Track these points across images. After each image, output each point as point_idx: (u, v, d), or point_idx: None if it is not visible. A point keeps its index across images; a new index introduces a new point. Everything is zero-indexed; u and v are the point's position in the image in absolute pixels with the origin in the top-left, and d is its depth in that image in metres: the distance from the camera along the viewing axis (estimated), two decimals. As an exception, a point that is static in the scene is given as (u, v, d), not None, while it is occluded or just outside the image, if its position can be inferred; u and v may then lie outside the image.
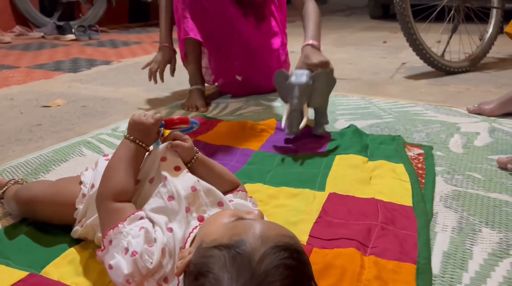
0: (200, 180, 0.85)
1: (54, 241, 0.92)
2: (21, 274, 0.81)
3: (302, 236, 0.93)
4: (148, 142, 0.85)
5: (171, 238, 0.73)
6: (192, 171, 0.90)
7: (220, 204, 0.82)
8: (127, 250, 0.69)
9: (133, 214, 0.74)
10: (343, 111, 1.88)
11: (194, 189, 0.81)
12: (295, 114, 1.39)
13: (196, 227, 0.75)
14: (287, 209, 1.06)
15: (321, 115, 1.49)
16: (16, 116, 1.81)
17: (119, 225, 0.72)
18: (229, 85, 2.07)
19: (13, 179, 1.09)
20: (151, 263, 0.68)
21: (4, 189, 1.05)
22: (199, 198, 0.80)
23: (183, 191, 0.79)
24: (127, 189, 0.79)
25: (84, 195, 0.91)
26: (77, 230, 0.88)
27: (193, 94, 1.94)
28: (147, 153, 0.88)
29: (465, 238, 0.96)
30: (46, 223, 0.96)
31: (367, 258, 0.87)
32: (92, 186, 0.89)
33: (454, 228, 1.00)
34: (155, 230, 0.73)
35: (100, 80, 2.45)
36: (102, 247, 0.73)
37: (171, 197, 0.79)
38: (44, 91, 2.20)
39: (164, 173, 0.83)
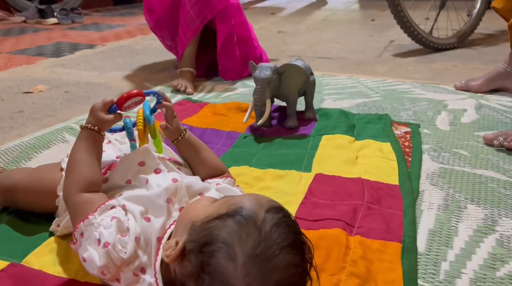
0: (181, 174, 0.84)
1: (35, 230, 0.90)
2: (1, 264, 0.79)
3: (288, 218, 0.93)
4: (100, 126, 0.80)
5: (147, 227, 0.71)
6: (178, 149, 0.93)
7: (201, 195, 0.80)
8: (99, 241, 0.67)
9: (103, 204, 0.72)
10: (330, 90, 1.86)
11: (175, 180, 0.79)
12: (257, 110, 1.37)
13: None
14: (273, 191, 1.05)
15: (291, 108, 1.44)
16: (-3, 103, 1.77)
17: (89, 216, 0.69)
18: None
19: (-7, 168, 1.06)
20: (125, 253, 0.67)
21: (-17, 178, 1.03)
22: (180, 189, 0.77)
23: (164, 183, 0.78)
24: (93, 179, 0.76)
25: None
26: (56, 230, 0.87)
27: (184, 75, 1.92)
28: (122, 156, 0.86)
29: (450, 215, 0.96)
30: (27, 212, 0.95)
31: (352, 238, 0.86)
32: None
33: (440, 205, 1.00)
34: (128, 218, 0.71)
35: (83, 64, 2.40)
36: (74, 240, 0.71)
37: (151, 187, 0.78)
38: (26, 77, 2.15)
39: (144, 176, 0.80)
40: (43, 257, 0.81)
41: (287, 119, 1.44)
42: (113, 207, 0.72)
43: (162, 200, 0.74)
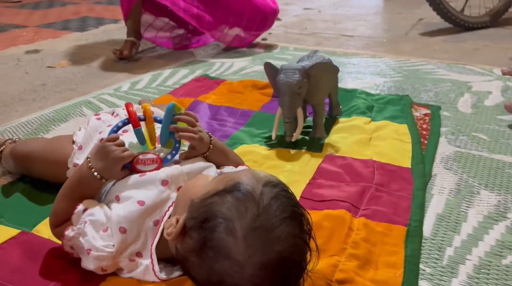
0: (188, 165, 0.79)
1: (47, 199, 0.93)
2: (13, 232, 0.82)
3: (293, 197, 0.92)
4: (108, 176, 0.74)
5: (141, 211, 0.71)
6: (208, 159, 0.85)
7: (203, 175, 0.80)
8: (83, 249, 0.69)
9: (73, 213, 0.71)
10: (351, 69, 1.82)
11: (176, 163, 0.78)
12: (287, 123, 1.14)
13: None
14: (281, 170, 1.05)
15: (320, 117, 1.20)
16: (21, 76, 1.81)
17: (65, 232, 0.70)
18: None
19: (10, 139, 1.10)
20: (113, 246, 0.68)
21: (2, 148, 1.06)
22: (176, 170, 0.76)
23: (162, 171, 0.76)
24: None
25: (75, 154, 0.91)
26: None
27: (126, 44, 2.02)
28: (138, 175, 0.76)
29: (461, 200, 0.94)
30: (42, 181, 0.98)
31: (357, 220, 0.86)
32: (80, 147, 0.89)
33: (451, 190, 0.98)
34: (111, 208, 0.71)
35: (106, 39, 2.42)
36: (69, 253, 0.72)
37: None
38: (51, 50, 2.20)
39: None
40: (53, 226, 0.84)
41: (315, 129, 1.20)
42: (85, 209, 0.71)
43: (158, 182, 0.74)
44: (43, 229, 0.83)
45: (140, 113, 0.80)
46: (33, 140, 1.05)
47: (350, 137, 1.19)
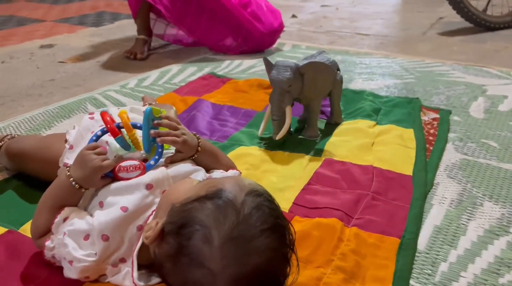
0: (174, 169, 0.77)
1: (38, 198, 0.90)
2: (0, 230, 0.82)
3: (286, 204, 0.90)
4: (87, 185, 0.72)
5: (124, 217, 0.69)
6: (197, 162, 0.83)
7: (189, 179, 0.78)
8: (65, 260, 0.68)
9: (53, 223, 0.70)
10: (362, 70, 1.78)
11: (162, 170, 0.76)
12: (275, 120, 1.11)
13: None
14: (277, 174, 1.02)
15: (313, 115, 1.17)
16: (32, 71, 1.83)
17: (46, 243, 0.70)
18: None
19: (9, 135, 1.10)
20: (95, 254, 0.67)
21: (0, 144, 1.07)
22: (161, 173, 0.74)
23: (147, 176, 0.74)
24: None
25: (67, 154, 0.90)
26: None
27: (138, 42, 2.01)
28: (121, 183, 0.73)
29: (462, 212, 0.90)
30: (36, 179, 0.97)
31: (348, 229, 0.82)
32: (71, 147, 0.89)
33: (453, 200, 0.93)
34: (94, 215, 0.69)
35: (119, 34, 2.43)
36: (52, 262, 0.71)
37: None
38: (65, 45, 2.21)
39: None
40: (39, 226, 0.84)
41: (307, 128, 1.18)
42: (65, 218, 0.70)
43: (142, 186, 0.72)
44: (29, 228, 0.82)
45: (120, 120, 0.78)
46: (27, 137, 1.05)
47: (352, 141, 1.15)
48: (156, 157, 0.76)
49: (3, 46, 2.22)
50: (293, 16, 2.87)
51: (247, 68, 1.82)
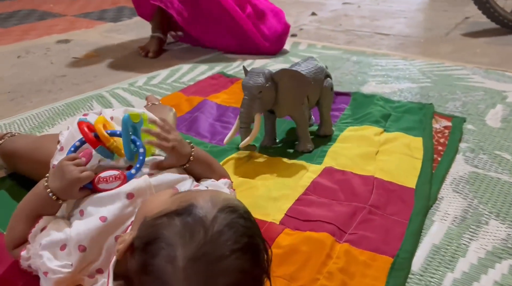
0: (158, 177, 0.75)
1: (30, 199, 0.92)
2: (-14, 231, 0.82)
3: (277, 215, 0.87)
4: (64, 197, 0.70)
5: (102, 227, 0.67)
6: (188, 171, 0.81)
7: (174, 189, 0.75)
8: (39, 271, 0.66)
9: (30, 232, 0.68)
10: (377, 72, 1.72)
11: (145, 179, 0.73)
12: (242, 127, 1.05)
13: None
14: (273, 182, 0.99)
15: (301, 127, 1.11)
16: (46, 66, 1.85)
17: (21, 253, 0.69)
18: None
19: (10, 133, 1.10)
20: (71, 265, 0.65)
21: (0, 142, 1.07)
22: (144, 183, 0.72)
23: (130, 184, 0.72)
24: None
25: (60, 155, 0.89)
26: None
27: (152, 40, 2.00)
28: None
29: (465, 230, 0.84)
30: (30, 179, 0.97)
31: (339, 245, 0.79)
32: (61, 149, 0.88)
33: (456, 217, 0.88)
34: (72, 225, 0.68)
35: (136, 31, 2.43)
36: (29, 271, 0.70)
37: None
38: (81, 41, 2.23)
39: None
40: (25, 229, 0.83)
41: (299, 142, 1.12)
42: (43, 228, 0.69)
43: (122, 196, 0.70)
44: (17, 231, 0.82)
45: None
46: (22, 137, 1.05)
47: (355, 149, 1.10)
48: (138, 165, 0.73)
49: (22, 40, 2.25)
50: (313, 14, 2.81)
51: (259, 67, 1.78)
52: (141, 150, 0.74)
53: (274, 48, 1.97)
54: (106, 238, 0.68)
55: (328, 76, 1.16)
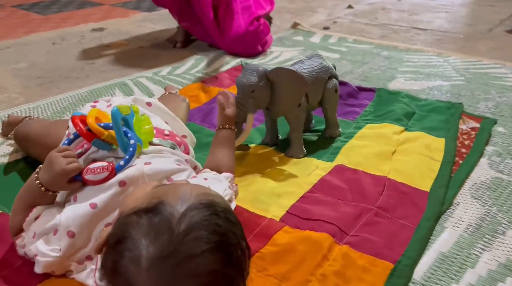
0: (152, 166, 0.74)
1: (40, 183, 0.94)
2: (-7, 212, 0.84)
3: (278, 211, 0.84)
4: (53, 188, 0.71)
5: (91, 214, 0.68)
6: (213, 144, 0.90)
7: (169, 179, 0.74)
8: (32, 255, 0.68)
9: (24, 221, 0.70)
10: (407, 68, 1.64)
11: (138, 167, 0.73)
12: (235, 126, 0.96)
13: None
14: (279, 178, 0.96)
15: (294, 131, 1.05)
16: (77, 53, 1.89)
17: (17, 241, 0.71)
18: None
19: (28, 117, 1.13)
20: (59, 250, 0.66)
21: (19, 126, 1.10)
22: (139, 173, 0.71)
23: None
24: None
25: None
26: None
27: (179, 30, 1.98)
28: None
29: (478, 240, 0.79)
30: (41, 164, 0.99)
31: (338, 247, 0.75)
32: (68, 134, 0.89)
33: (470, 225, 0.83)
34: (63, 211, 0.69)
35: (169, 21, 2.43)
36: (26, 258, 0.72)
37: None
38: (114, 30, 2.27)
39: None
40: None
41: (289, 147, 1.06)
42: (37, 217, 0.70)
43: (116, 183, 0.70)
44: (21, 213, 0.84)
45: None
46: (35, 121, 1.07)
47: (371, 147, 1.06)
48: (127, 157, 0.73)
49: (59, 28, 2.31)
50: (349, 6, 2.73)
51: (284, 60, 1.75)
52: (131, 141, 0.73)
53: (238, 47, 1.82)
54: (95, 225, 0.68)
55: (333, 76, 1.09)
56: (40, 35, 2.19)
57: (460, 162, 1.02)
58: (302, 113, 1.04)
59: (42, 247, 0.67)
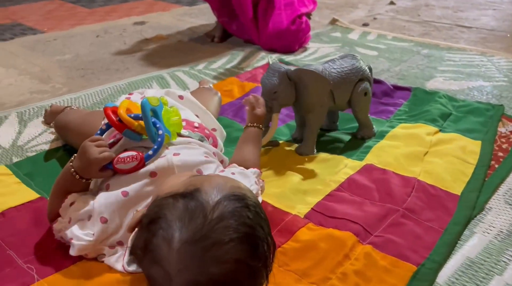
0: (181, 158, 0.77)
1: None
2: (33, 195, 0.89)
3: (304, 208, 0.85)
4: (86, 176, 0.75)
5: (123, 202, 0.71)
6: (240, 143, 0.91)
7: (198, 171, 0.76)
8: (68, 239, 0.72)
9: (60, 207, 0.74)
10: (448, 67, 1.60)
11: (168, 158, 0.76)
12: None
13: None
14: (306, 175, 0.96)
15: (309, 129, 1.04)
16: (119, 46, 1.95)
17: (54, 226, 0.75)
18: None
19: (69, 106, 1.18)
20: (93, 234, 0.70)
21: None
22: (168, 164, 0.74)
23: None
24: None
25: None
26: None
27: (218, 25, 2.00)
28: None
29: (509, 247, 0.76)
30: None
31: (361, 247, 0.75)
32: (103, 125, 0.92)
33: (501, 231, 0.80)
34: (97, 198, 0.72)
35: (208, 15, 2.46)
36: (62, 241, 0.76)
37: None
38: (155, 23, 2.32)
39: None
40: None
41: (302, 143, 1.05)
42: (72, 203, 0.73)
43: (147, 173, 0.73)
44: (59, 198, 0.89)
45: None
46: (74, 111, 1.12)
47: (402, 148, 1.04)
48: (155, 147, 0.75)
49: (103, 21, 2.39)
50: (391, 3, 2.67)
51: (320, 57, 1.74)
52: (160, 132, 0.76)
53: (276, 43, 1.82)
54: (126, 212, 0.71)
55: (366, 78, 1.06)
56: (85, 27, 2.27)
57: (496, 166, 0.99)
58: (322, 113, 1.04)
59: (77, 231, 0.70)
